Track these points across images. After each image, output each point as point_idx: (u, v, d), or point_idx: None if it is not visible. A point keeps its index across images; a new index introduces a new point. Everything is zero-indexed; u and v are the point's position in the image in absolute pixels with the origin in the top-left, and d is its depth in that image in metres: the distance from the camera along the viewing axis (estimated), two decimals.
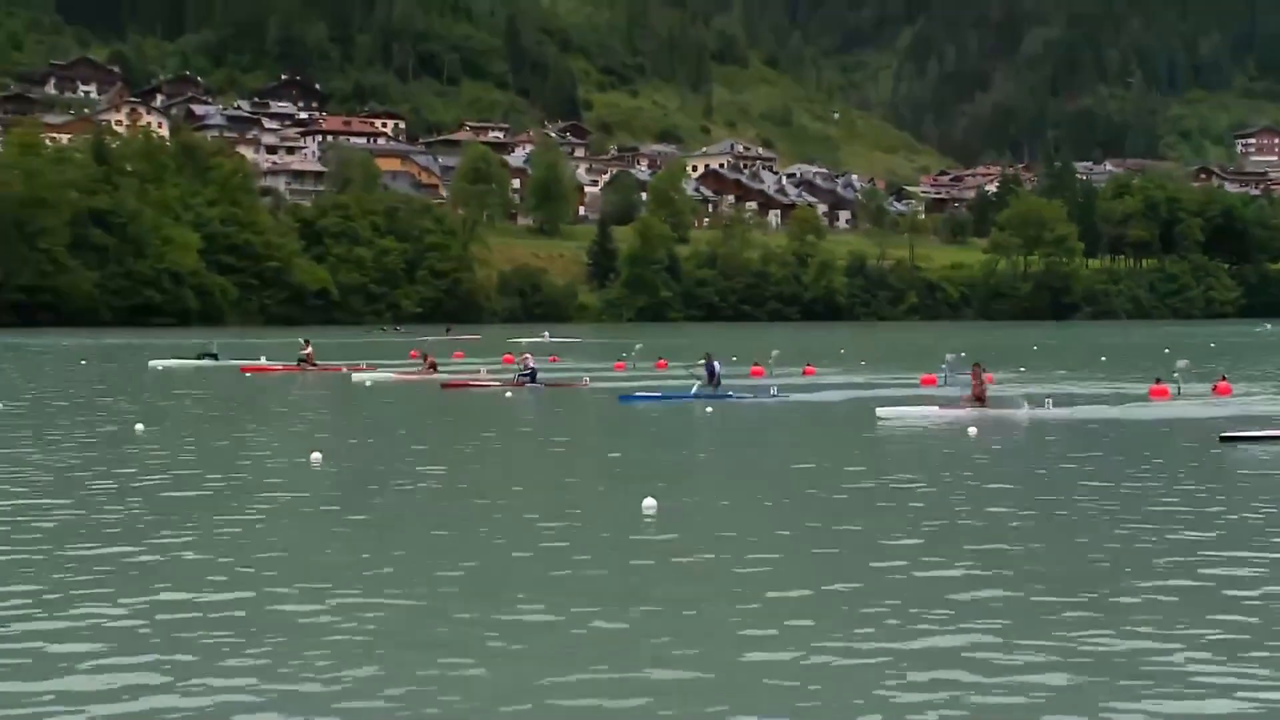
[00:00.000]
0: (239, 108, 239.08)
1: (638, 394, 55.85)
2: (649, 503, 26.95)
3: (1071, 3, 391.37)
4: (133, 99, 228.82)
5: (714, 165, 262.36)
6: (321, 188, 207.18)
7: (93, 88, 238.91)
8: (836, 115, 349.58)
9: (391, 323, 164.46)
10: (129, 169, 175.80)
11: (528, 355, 64.09)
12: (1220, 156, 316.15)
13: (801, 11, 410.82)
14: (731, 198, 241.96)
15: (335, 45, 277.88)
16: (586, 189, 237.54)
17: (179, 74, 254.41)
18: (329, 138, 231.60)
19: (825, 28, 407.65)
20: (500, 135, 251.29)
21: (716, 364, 54.22)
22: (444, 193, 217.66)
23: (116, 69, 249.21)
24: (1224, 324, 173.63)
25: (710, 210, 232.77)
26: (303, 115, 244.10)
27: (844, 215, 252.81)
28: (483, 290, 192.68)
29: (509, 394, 53.46)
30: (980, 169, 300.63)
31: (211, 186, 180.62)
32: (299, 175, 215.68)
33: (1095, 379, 69.20)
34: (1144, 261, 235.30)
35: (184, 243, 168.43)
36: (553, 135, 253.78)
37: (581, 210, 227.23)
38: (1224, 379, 58.91)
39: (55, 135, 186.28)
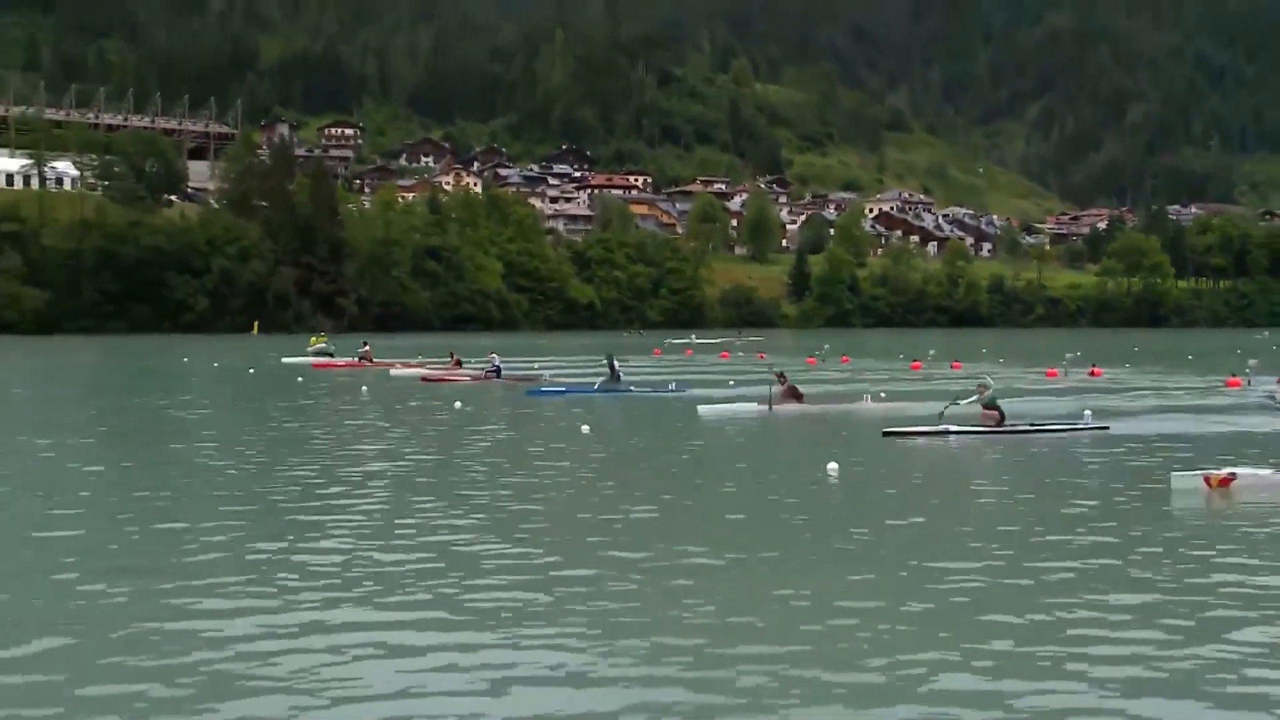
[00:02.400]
0: (531, 170, 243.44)
1: (543, 388, 49.92)
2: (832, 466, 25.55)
3: (1164, 82, 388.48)
4: (457, 166, 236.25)
5: (885, 208, 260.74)
6: (589, 228, 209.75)
7: (430, 159, 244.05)
8: (981, 170, 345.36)
9: (638, 327, 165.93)
10: (453, 216, 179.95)
11: (493, 354, 58.70)
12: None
13: (954, 90, 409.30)
14: (899, 233, 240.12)
15: (601, 123, 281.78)
16: (787, 226, 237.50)
17: (489, 146, 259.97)
18: (596, 191, 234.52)
19: (972, 103, 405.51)
20: (723, 186, 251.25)
21: (616, 363, 49.23)
22: (680, 230, 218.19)
23: (447, 145, 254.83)
24: None
25: (883, 242, 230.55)
26: (576, 174, 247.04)
27: (986, 246, 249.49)
28: (708, 303, 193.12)
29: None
30: (1093, 211, 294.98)
31: (511, 228, 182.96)
32: (573, 219, 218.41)
33: (1182, 373, 66.15)
34: (1221, 283, 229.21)
35: (491, 269, 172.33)
36: (762, 186, 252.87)
37: (784, 243, 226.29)
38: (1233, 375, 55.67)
39: (404, 194, 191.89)
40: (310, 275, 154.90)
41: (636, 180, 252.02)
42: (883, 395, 44.11)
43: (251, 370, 69.50)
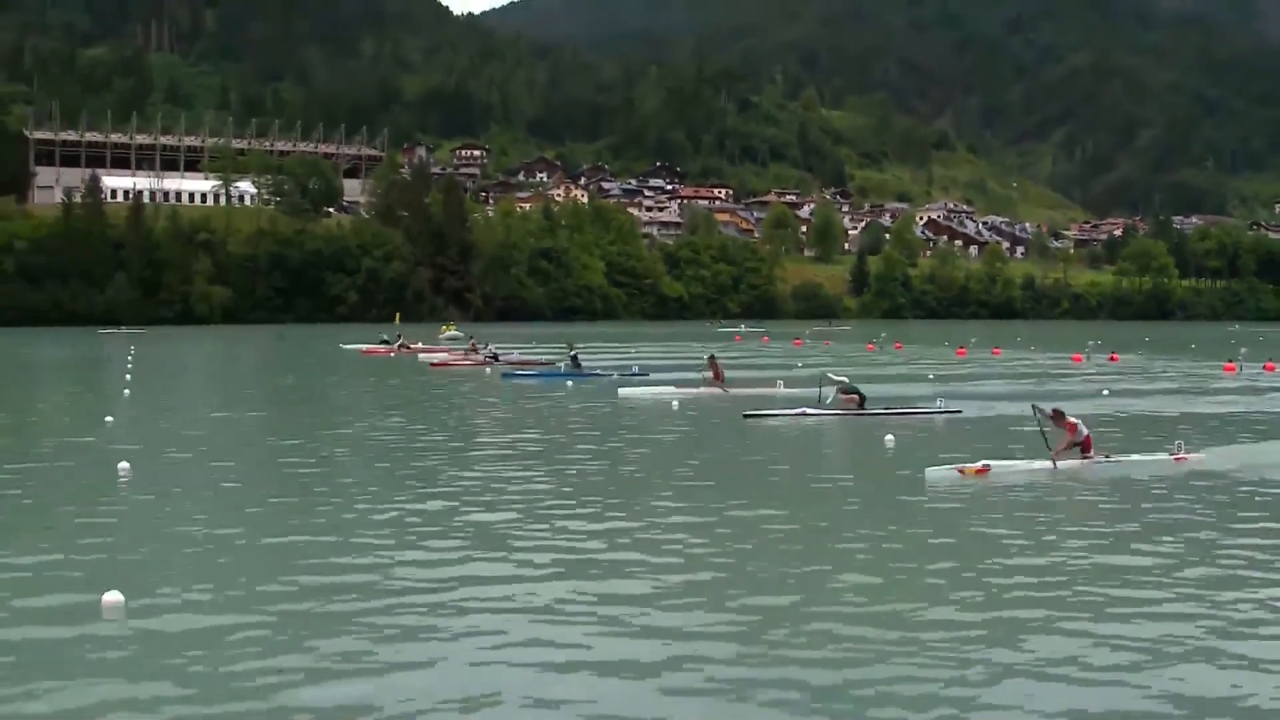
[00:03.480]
0: (630, 184, 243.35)
1: (517, 373, 48.56)
2: (889, 437, 26.16)
3: (1168, 111, 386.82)
4: (567, 181, 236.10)
5: (933, 216, 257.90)
6: (679, 232, 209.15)
7: (544, 175, 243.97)
8: (1015, 184, 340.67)
9: (718, 319, 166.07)
10: (563, 223, 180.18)
11: (476, 341, 59.37)
12: (1266, 215, 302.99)
13: (991, 116, 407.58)
14: (945, 237, 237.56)
15: (689, 143, 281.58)
16: (849, 231, 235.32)
17: (594, 164, 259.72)
18: (685, 201, 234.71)
19: (1007, 127, 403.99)
20: (794, 197, 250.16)
21: (576, 352, 49.37)
22: (757, 235, 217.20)
23: (558, 163, 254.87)
24: (1267, 325, 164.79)
25: (931, 245, 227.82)
26: (668, 187, 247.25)
27: (1020, 249, 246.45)
28: (781, 297, 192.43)
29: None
30: (1110, 220, 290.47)
31: (612, 233, 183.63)
32: (665, 225, 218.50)
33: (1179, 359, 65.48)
34: (1217, 283, 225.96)
35: (595, 268, 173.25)
36: (828, 197, 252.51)
37: (846, 245, 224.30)
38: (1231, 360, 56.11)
39: (522, 205, 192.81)
40: (443, 274, 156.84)
41: (720, 192, 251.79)
42: (779, 383, 40.93)
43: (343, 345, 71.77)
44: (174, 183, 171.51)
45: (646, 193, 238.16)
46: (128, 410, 34.94)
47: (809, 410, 31.54)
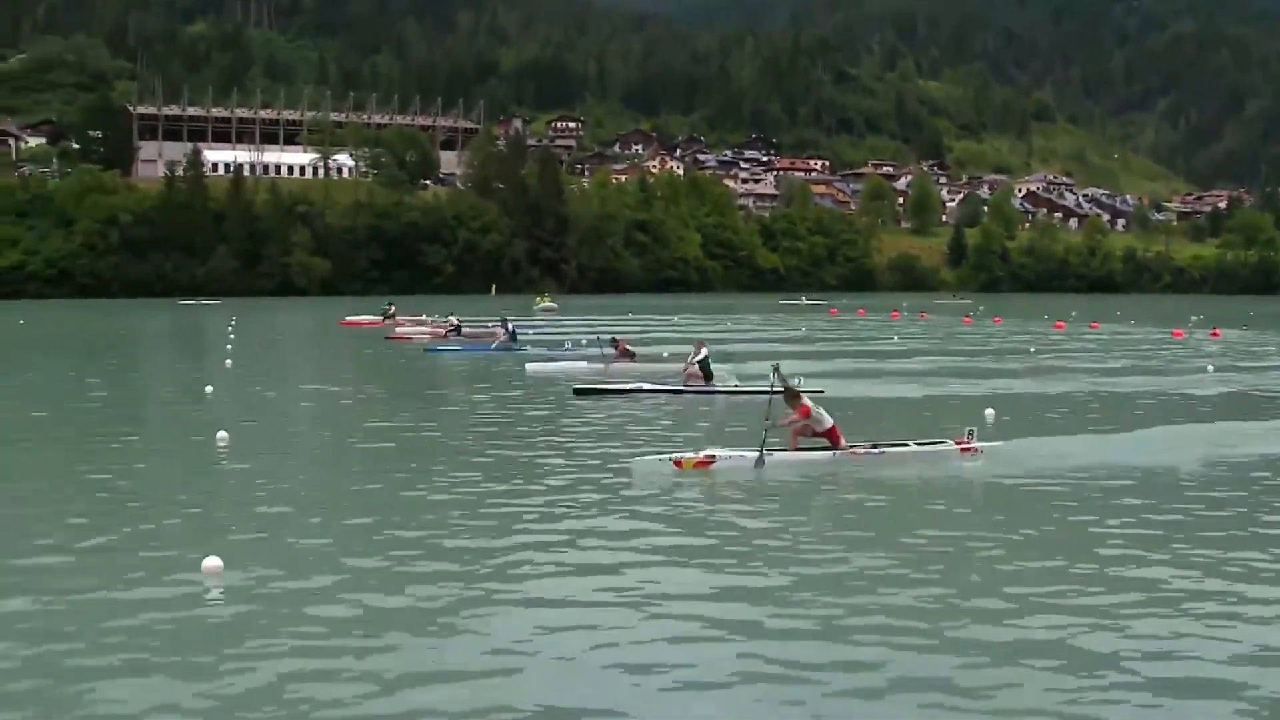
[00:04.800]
0: (725, 155, 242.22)
1: (439, 347, 47.95)
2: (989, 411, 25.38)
3: (1277, 81, 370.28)
4: (663, 152, 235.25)
5: (1032, 188, 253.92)
6: (775, 204, 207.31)
7: (640, 147, 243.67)
8: (1116, 155, 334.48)
9: (806, 296, 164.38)
10: (659, 195, 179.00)
11: (453, 318, 56.99)
12: None
13: (1091, 86, 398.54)
14: (1044, 210, 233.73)
15: (785, 115, 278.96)
16: (946, 204, 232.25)
17: (690, 136, 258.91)
18: (781, 173, 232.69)
19: (1108, 97, 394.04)
20: (891, 169, 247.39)
21: (512, 325, 48.53)
22: (853, 207, 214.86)
23: (654, 135, 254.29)
24: None
25: (1030, 218, 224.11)
26: (764, 159, 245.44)
27: (1121, 222, 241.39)
28: (878, 270, 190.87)
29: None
30: (1215, 192, 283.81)
31: (708, 204, 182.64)
32: (761, 197, 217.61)
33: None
34: None
35: (690, 240, 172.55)
36: (925, 169, 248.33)
37: (943, 218, 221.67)
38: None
39: (617, 177, 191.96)
40: (538, 245, 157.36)
41: (816, 164, 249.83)
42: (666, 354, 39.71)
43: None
44: (273, 156, 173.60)
45: (742, 164, 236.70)
46: (228, 381, 35.41)
47: (645, 386, 30.64)
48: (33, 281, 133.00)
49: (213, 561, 12.43)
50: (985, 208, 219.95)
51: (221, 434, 22.03)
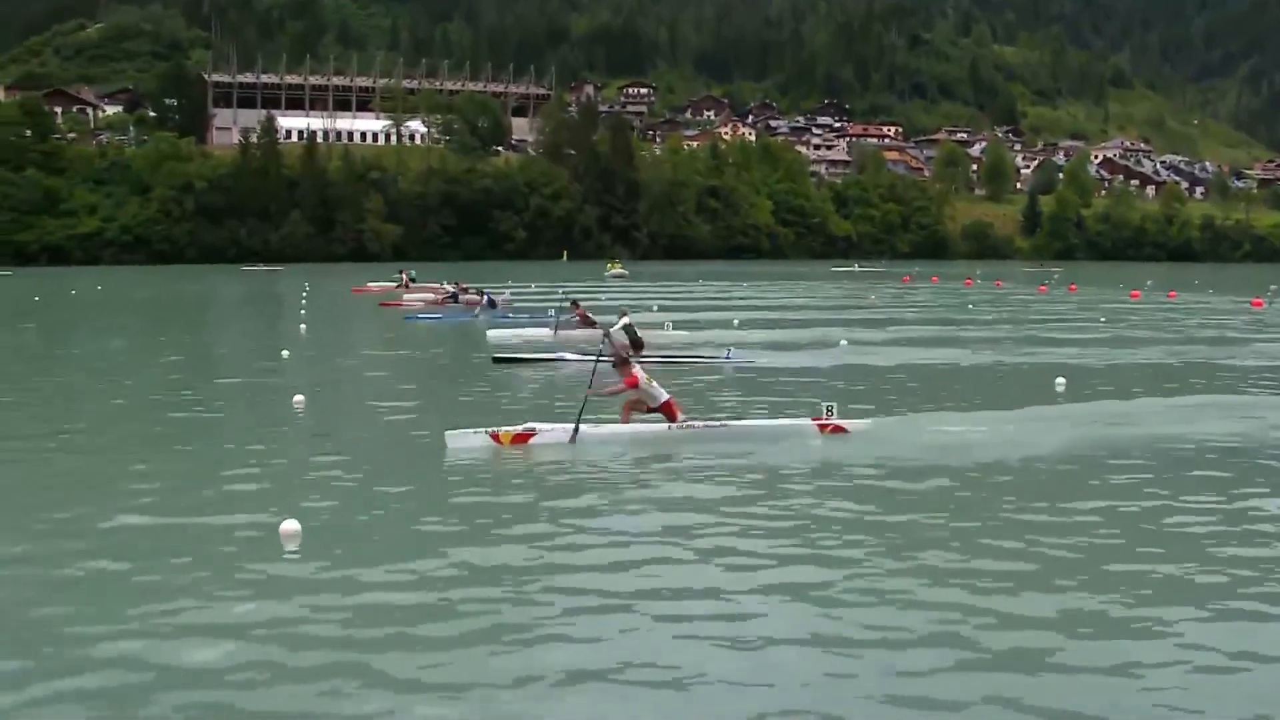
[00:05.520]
0: (798, 121, 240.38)
1: (419, 315, 47.25)
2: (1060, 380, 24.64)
3: None
4: (734, 119, 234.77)
5: (1109, 155, 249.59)
6: (847, 171, 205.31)
7: (712, 113, 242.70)
8: (1196, 122, 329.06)
9: (888, 258, 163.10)
10: (731, 161, 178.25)
11: (447, 285, 56.71)
12: None
13: (1170, 50, 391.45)
14: (1120, 177, 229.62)
15: (858, 80, 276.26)
16: (1021, 170, 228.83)
17: (762, 102, 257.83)
18: (853, 139, 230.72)
19: (1187, 62, 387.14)
20: (964, 135, 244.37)
21: (492, 296, 49.12)
22: (926, 173, 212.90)
23: (726, 101, 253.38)
24: None
25: (1106, 185, 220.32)
26: (837, 125, 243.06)
27: (1199, 190, 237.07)
28: (951, 237, 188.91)
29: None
30: None
31: (780, 171, 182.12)
32: (834, 163, 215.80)
33: None
34: None
35: (762, 206, 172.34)
36: (999, 135, 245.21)
37: (1018, 185, 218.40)
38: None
39: (689, 143, 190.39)
40: (610, 212, 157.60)
41: (889, 130, 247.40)
42: (670, 325, 38.51)
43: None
44: (346, 123, 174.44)
45: (815, 131, 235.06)
46: (303, 345, 35.73)
47: (568, 356, 29.43)
48: (110, 248, 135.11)
49: (290, 525, 12.48)
50: (1060, 175, 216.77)
51: (298, 397, 22.23)
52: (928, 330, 42.41)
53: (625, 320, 31.37)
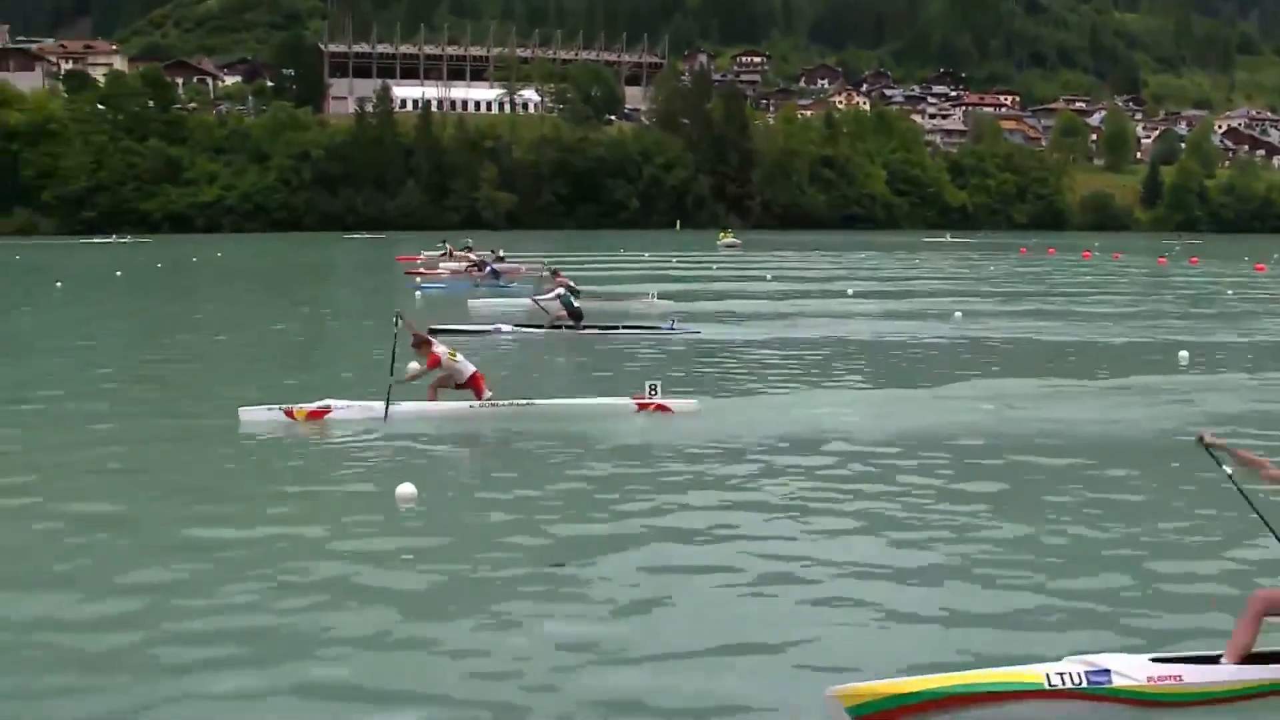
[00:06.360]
0: (913, 90, 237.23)
1: (426, 284, 47.70)
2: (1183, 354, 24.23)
3: None
4: (849, 87, 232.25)
5: (1234, 124, 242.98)
6: (963, 141, 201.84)
7: (826, 82, 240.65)
8: None
9: (1004, 229, 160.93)
10: (845, 130, 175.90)
11: (470, 254, 56.60)
12: None
13: None
14: (1246, 147, 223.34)
15: (975, 48, 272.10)
16: (1142, 140, 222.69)
17: (877, 70, 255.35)
18: (969, 108, 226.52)
19: None
20: (1084, 105, 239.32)
21: (495, 266, 48.93)
22: (1044, 143, 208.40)
23: (840, 70, 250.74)
24: None
25: (1230, 156, 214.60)
26: (953, 94, 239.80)
27: None
28: (1069, 208, 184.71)
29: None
30: None
31: (895, 140, 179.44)
32: (949, 133, 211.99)
33: None
34: None
35: (876, 176, 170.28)
36: (1120, 104, 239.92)
37: (1138, 155, 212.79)
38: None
39: (803, 112, 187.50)
40: (723, 181, 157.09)
41: (1006, 99, 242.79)
42: (651, 295, 38.76)
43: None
44: (460, 92, 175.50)
45: (930, 100, 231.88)
46: (416, 313, 36.02)
47: (504, 327, 29.76)
48: (230, 215, 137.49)
49: (406, 488, 12.66)
50: (1183, 144, 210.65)
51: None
52: (1044, 303, 41.79)
53: (561, 290, 31.30)
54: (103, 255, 79.97)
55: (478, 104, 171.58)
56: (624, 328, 30.39)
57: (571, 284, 35.71)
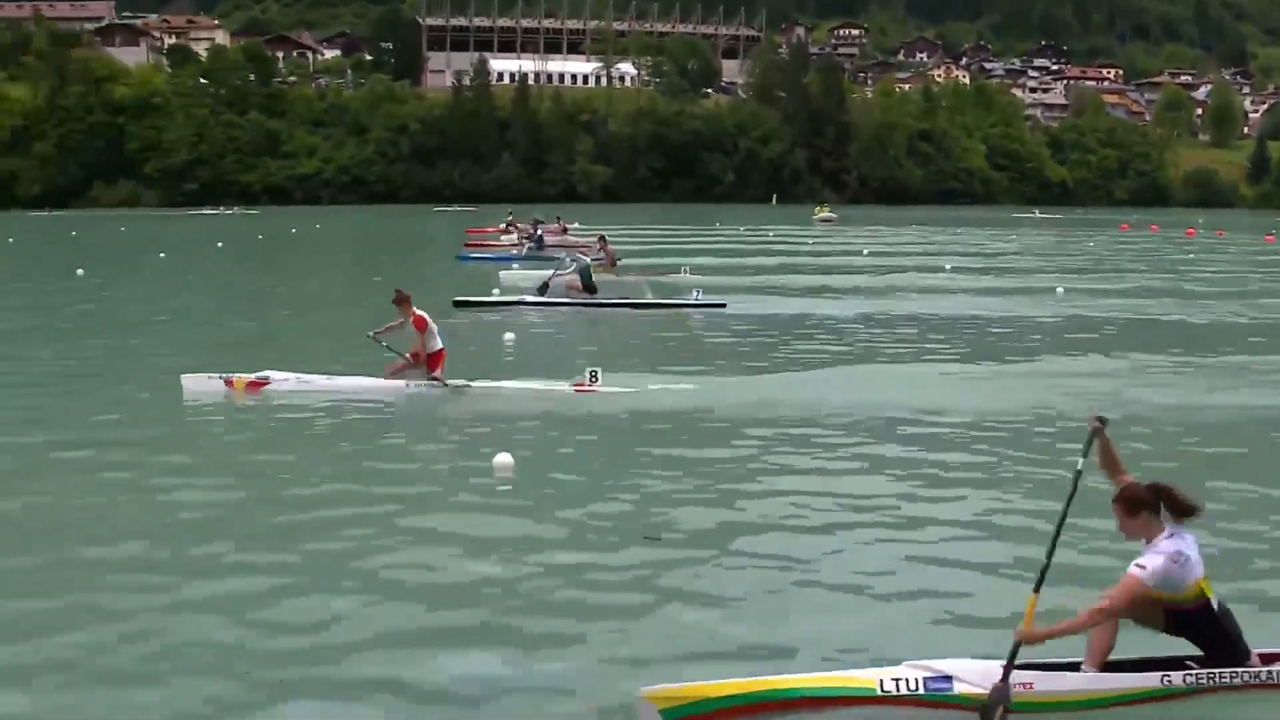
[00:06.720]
0: (1013, 64, 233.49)
1: (470, 255, 47.50)
2: None
3: None
4: (947, 61, 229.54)
5: None
6: (1064, 115, 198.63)
7: (924, 55, 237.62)
8: None
9: (1104, 205, 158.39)
10: (943, 104, 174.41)
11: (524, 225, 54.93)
12: None
13: None
14: None
15: (1077, 21, 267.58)
16: (1249, 115, 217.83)
17: (976, 44, 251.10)
18: (1070, 82, 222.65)
19: None
20: (1189, 78, 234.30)
21: (541, 230, 49.17)
22: (1147, 118, 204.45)
23: (938, 43, 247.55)
24: None
25: None
26: (1053, 68, 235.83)
27: None
28: (1172, 184, 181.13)
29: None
30: None
31: (994, 114, 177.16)
32: (1050, 107, 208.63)
33: None
34: None
35: (975, 150, 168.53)
36: (1226, 78, 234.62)
37: (1244, 130, 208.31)
38: None
39: (901, 86, 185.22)
40: (819, 155, 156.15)
41: (1108, 72, 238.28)
42: (685, 269, 37.85)
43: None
44: (557, 65, 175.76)
45: (1030, 73, 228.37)
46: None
47: (528, 299, 29.59)
48: (328, 188, 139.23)
49: (503, 458, 12.74)
50: None
51: (509, 335, 22.70)
52: (1148, 280, 41.13)
53: (581, 261, 31.24)
54: (209, 226, 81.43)
55: (574, 77, 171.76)
56: (644, 303, 30.17)
57: (615, 256, 37.17)
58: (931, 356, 21.64)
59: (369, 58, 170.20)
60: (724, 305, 29.62)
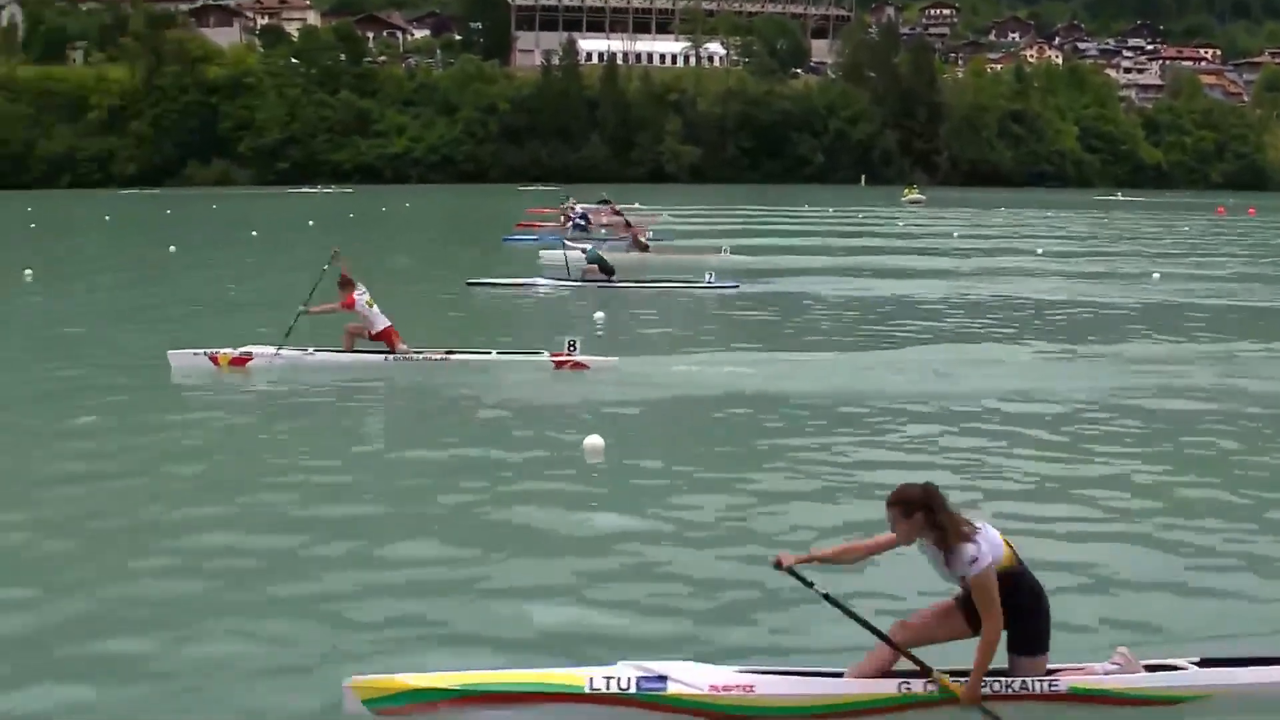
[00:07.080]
0: (1107, 44, 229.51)
1: (514, 237, 47.34)
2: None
3: None
4: (1040, 40, 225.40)
5: None
6: (1160, 96, 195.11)
7: (1016, 35, 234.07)
8: None
9: (1200, 188, 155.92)
10: (1036, 85, 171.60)
11: (573, 208, 54.62)
12: None
13: None
14: None
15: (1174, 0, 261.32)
16: None
17: (1070, 23, 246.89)
18: (1167, 62, 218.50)
19: None
20: None
21: (576, 219, 49.49)
22: (1246, 99, 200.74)
23: (1031, 22, 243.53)
24: None
25: None
26: (1149, 48, 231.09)
27: None
28: (1271, 167, 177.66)
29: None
30: None
31: (1088, 95, 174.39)
32: (1145, 88, 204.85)
33: None
34: None
35: (1068, 132, 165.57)
36: None
37: None
38: None
39: (993, 66, 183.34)
40: (910, 136, 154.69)
41: (1206, 52, 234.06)
42: (725, 249, 38.10)
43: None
44: (645, 45, 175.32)
45: (1125, 53, 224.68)
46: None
47: (541, 280, 29.91)
48: (417, 167, 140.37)
49: (594, 440, 12.78)
50: None
51: (599, 314, 22.97)
52: (1247, 265, 40.40)
53: (586, 255, 31.48)
54: (303, 205, 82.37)
55: (663, 57, 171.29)
56: (656, 284, 30.73)
57: (642, 237, 38.10)
58: (1030, 339, 21.85)
59: (458, 37, 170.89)
60: (736, 286, 29.84)
